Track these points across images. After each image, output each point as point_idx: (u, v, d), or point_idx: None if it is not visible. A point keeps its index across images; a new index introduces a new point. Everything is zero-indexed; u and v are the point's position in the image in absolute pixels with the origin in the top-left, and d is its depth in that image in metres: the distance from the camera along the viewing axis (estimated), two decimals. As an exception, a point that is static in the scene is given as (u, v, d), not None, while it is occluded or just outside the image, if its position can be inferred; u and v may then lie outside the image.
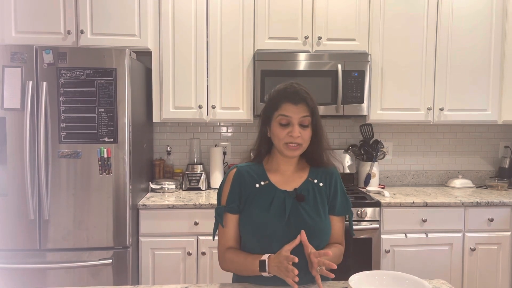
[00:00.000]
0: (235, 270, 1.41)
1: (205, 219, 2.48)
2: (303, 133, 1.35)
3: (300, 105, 1.35)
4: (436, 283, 1.39)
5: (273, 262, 1.26)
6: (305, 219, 1.36)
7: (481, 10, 2.86)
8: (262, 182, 1.41)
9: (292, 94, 1.36)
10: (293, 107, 1.35)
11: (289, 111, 1.35)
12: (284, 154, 1.38)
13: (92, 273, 2.31)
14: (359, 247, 2.49)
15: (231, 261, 1.39)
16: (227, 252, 1.41)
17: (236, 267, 1.39)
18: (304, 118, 1.35)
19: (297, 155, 1.39)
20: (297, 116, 1.34)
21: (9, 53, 2.22)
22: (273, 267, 1.25)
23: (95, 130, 2.28)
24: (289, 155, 1.38)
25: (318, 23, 2.77)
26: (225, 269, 1.43)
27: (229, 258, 1.39)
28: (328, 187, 1.44)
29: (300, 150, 1.38)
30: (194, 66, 2.75)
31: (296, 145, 1.35)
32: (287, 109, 1.35)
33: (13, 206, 2.25)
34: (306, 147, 1.39)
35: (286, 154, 1.38)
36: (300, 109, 1.35)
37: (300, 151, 1.38)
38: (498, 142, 3.33)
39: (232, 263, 1.39)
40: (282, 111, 1.35)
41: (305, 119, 1.35)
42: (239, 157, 3.15)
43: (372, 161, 2.99)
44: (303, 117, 1.35)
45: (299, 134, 1.34)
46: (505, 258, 2.65)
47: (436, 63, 2.86)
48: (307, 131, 1.36)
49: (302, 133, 1.35)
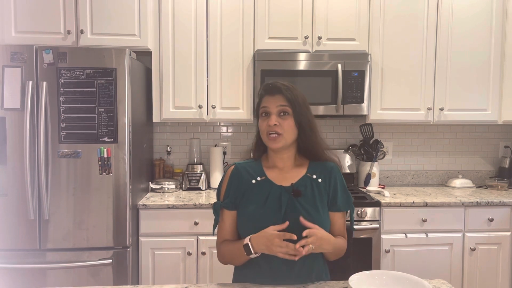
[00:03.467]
0: (230, 260, 1.42)
1: (205, 219, 2.48)
2: (281, 122, 1.38)
3: (276, 96, 1.40)
4: (436, 283, 1.39)
5: (259, 241, 1.28)
6: (302, 214, 1.35)
7: (482, 9, 2.86)
8: (259, 177, 1.43)
9: (269, 87, 1.43)
10: (270, 98, 1.41)
11: (267, 102, 1.41)
12: (269, 146, 1.42)
13: (92, 273, 2.31)
14: (359, 247, 2.49)
15: (224, 253, 1.42)
16: (221, 244, 1.44)
17: (229, 257, 1.41)
18: (281, 107, 1.39)
19: (279, 146, 1.39)
20: (273, 106, 1.39)
21: (9, 53, 2.22)
22: (260, 246, 1.28)
23: (95, 130, 2.28)
24: (272, 146, 1.40)
25: (318, 23, 2.77)
26: (222, 262, 1.45)
27: (222, 250, 1.43)
28: (327, 183, 1.44)
29: (282, 141, 1.38)
30: (194, 66, 2.75)
31: (275, 135, 1.37)
32: (266, 101, 1.42)
33: (13, 206, 2.25)
34: (289, 138, 1.40)
35: (270, 146, 1.41)
36: (276, 99, 1.40)
37: (282, 142, 1.39)
38: (498, 142, 3.33)
39: (225, 254, 1.42)
40: (263, 104, 1.43)
41: (282, 108, 1.39)
42: (239, 157, 3.15)
43: (372, 161, 2.99)
44: (279, 106, 1.39)
45: (276, 122, 1.37)
46: (505, 258, 2.65)
47: (436, 63, 2.86)
48: (287, 121, 1.38)
49: (281, 122, 1.38)
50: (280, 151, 1.42)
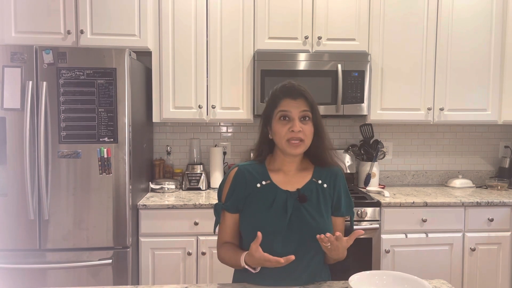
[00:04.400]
0: (230, 265, 1.42)
1: (205, 219, 2.48)
2: (304, 128, 1.33)
3: (299, 100, 1.34)
4: (436, 283, 1.39)
5: (253, 261, 1.26)
6: (307, 220, 1.35)
7: (482, 9, 2.86)
8: (264, 181, 1.40)
9: (290, 90, 1.36)
10: (292, 102, 1.34)
11: (288, 106, 1.34)
12: (287, 152, 1.36)
13: (92, 273, 2.31)
14: (359, 247, 2.49)
15: (225, 258, 1.42)
16: (222, 247, 1.44)
17: (230, 263, 1.41)
18: (304, 113, 1.34)
19: (300, 152, 1.36)
20: (297, 111, 1.33)
21: (9, 53, 2.22)
22: (256, 264, 1.28)
23: (95, 130, 2.28)
24: (292, 152, 1.35)
25: (318, 23, 2.77)
26: (222, 263, 1.45)
27: (223, 254, 1.42)
28: (332, 189, 1.43)
29: (303, 147, 1.35)
30: (194, 66, 2.75)
31: (298, 142, 1.33)
32: (286, 105, 1.35)
33: (13, 206, 2.25)
34: (309, 144, 1.36)
35: (289, 152, 1.35)
36: (300, 104, 1.34)
37: (303, 148, 1.35)
38: (498, 142, 3.33)
39: (225, 259, 1.42)
40: (282, 107, 1.35)
41: (305, 113, 1.34)
42: (239, 157, 3.15)
43: (372, 161, 2.99)
44: (303, 111, 1.34)
45: (300, 128, 1.32)
46: (505, 258, 2.65)
47: (436, 63, 2.86)
48: (308, 126, 1.34)
49: (304, 128, 1.33)
50: (294, 155, 1.39)
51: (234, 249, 1.40)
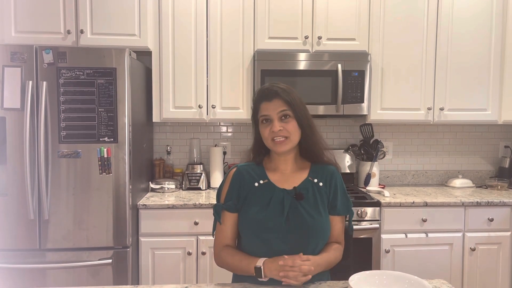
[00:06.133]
0: (229, 269, 1.42)
1: (205, 219, 2.48)
2: (285, 125, 1.37)
3: (274, 101, 1.39)
4: (436, 283, 1.39)
5: (272, 267, 1.27)
6: (304, 217, 1.36)
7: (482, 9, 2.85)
8: (261, 181, 1.43)
9: (265, 92, 1.41)
10: (268, 104, 1.39)
11: (266, 109, 1.39)
12: (275, 151, 1.41)
13: (92, 273, 2.31)
14: (359, 247, 2.49)
15: (227, 262, 1.40)
16: (223, 250, 1.42)
17: (231, 268, 1.40)
18: (283, 112, 1.38)
19: (287, 149, 1.40)
20: (274, 112, 1.38)
21: (9, 53, 2.22)
22: (272, 272, 1.27)
23: (95, 130, 2.28)
24: (279, 150, 1.39)
25: (318, 23, 2.77)
26: (219, 266, 1.45)
27: (224, 258, 1.41)
28: (328, 187, 1.45)
29: (289, 144, 1.39)
30: (194, 66, 2.75)
31: (282, 139, 1.37)
32: (264, 108, 1.40)
33: (13, 206, 2.25)
34: (296, 140, 1.40)
35: (276, 151, 1.40)
36: (276, 104, 1.38)
37: (289, 145, 1.39)
38: (498, 142, 3.33)
39: (228, 263, 1.40)
40: (261, 112, 1.41)
41: (283, 112, 1.38)
42: (239, 157, 3.15)
43: (372, 161, 2.99)
44: (280, 111, 1.38)
45: (280, 127, 1.37)
46: (505, 258, 2.65)
47: (436, 63, 2.86)
48: (290, 123, 1.38)
49: (285, 125, 1.37)
50: (285, 154, 1.43)
51: (243, 253, 1.40)
